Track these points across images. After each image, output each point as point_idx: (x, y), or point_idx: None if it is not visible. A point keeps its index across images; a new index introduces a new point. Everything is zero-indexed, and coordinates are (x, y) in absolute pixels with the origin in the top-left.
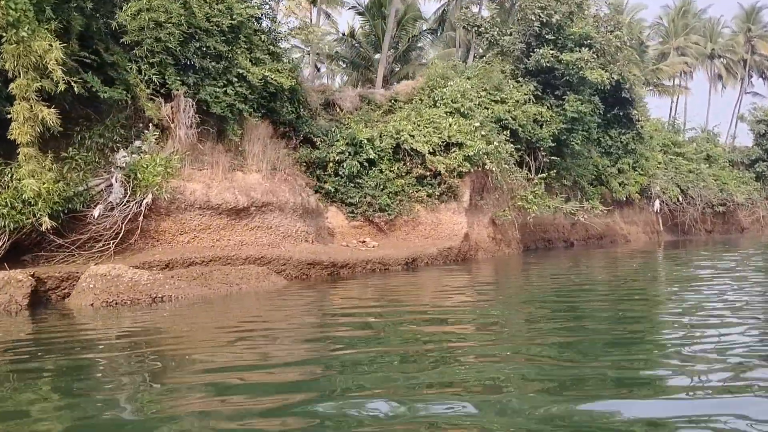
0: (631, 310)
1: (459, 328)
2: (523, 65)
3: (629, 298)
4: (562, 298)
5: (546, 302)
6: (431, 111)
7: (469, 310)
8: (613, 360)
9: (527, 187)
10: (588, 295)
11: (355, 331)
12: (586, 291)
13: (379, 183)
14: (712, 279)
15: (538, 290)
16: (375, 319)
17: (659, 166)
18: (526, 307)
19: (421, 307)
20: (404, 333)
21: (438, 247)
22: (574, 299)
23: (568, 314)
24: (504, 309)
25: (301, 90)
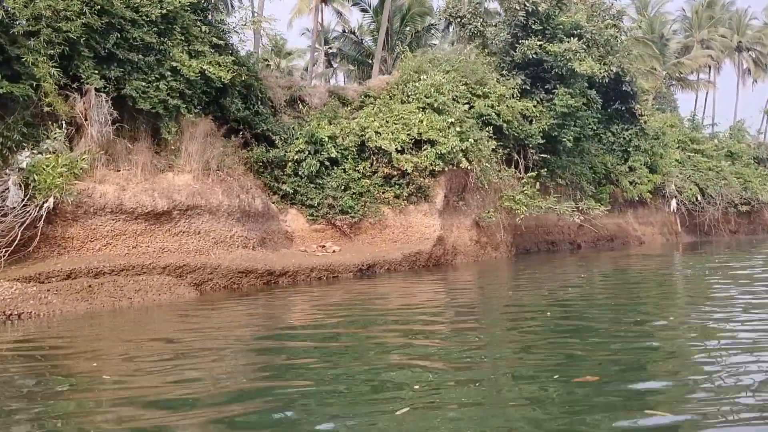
0: (626, 350)
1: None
2: (510, 58)
3: (627, 325)
4: (522, 319)
5: (494, 325)
6: (401, 107)
7: (378, 336)
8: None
9: (516, 187)
10: (569, 319)
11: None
12: (568, 310)
13: (341, 183)
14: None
15: (497, 306)
16: (226, 345)
17: (675, 164)
18: (467, 332)
19: (318, 331)
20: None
21: (403, 252)
22: (539, 325)
23: (517, 348)
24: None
25: (259, 85)
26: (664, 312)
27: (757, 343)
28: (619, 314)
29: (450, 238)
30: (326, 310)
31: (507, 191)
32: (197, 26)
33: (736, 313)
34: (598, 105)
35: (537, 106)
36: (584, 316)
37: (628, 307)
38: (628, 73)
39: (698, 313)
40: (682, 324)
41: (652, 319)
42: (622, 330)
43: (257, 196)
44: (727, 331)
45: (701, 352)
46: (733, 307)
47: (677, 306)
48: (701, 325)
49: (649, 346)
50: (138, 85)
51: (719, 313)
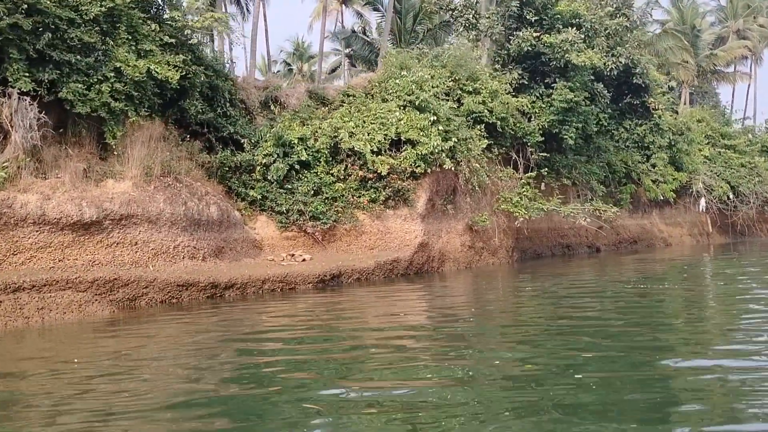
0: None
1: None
2: (505, 51)
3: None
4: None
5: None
6: (379, 105)
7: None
8: None
9: (514, 188)
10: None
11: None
12: (557, 340)
13: (312, 188)
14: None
15: (448, 332)
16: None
17: (704, 161)
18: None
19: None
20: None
21: (377, 260)
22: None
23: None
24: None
25: (228, 86)
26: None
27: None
28: (633, 349)
29: (436, 245)
30: (221, 342)
31: (504, 193)
32: (147, 24)
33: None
34: (606, 99)
35: (536, 102)
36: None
37: (644, 338)
38: (638, 65)
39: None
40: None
41: (676, 355)
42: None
43: (213, 203)
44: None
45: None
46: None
47: (705, 335)
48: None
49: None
50: (75, 87)
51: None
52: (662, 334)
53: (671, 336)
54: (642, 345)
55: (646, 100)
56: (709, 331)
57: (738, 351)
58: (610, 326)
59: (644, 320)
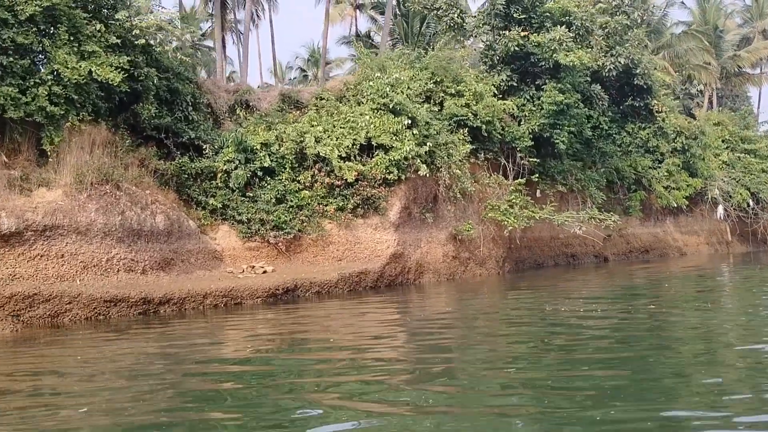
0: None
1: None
2: (493, 52)
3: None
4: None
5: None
6: (349, 109)
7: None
8: None
9: (502, 196)
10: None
11: None
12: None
13: (276, 196)
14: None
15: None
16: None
17: (722, 166)
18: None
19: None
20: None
21: (342, 272)
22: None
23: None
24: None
25: (191, 89)
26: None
27: None
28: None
29: (413, 255)
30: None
31: (492, 200)
32: (91, 24)
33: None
34: (604, 102)
35: (526, 105)
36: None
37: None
38: (639, 65)
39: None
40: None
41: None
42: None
43: (160, 213)
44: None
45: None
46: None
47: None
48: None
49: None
50: (8, 91)
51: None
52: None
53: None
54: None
55: (650, 102)
56: (731, 388)
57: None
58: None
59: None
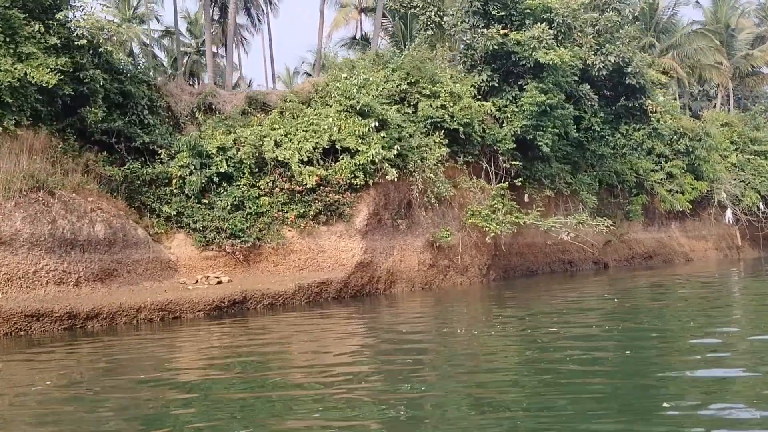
0: None
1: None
2: (473, 51)
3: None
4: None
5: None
6: (313, 111)
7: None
8: None
9: (484, 201)
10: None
11: None
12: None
13: (233, 202)
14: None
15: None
16: None
17: (731, 168)
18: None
19: None
20: None
21: (299, 282)
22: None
23: None
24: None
25: (148, 92)
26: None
27: None
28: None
29: (384, 263)
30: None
31: (473, 206)
32: (30, 26)
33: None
34: (593, 102)
35: (508, 106)
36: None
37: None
38: (630, 63)
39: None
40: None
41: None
42: None
43: (101, 221)
44: None
45: None
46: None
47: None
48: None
49: None
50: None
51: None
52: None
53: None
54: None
55: (643, 102)
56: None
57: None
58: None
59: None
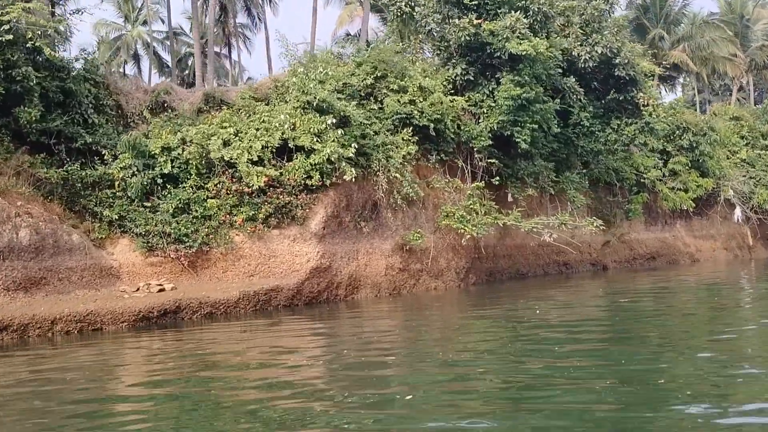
0: None
1: None
2: (446, 43)
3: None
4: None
5: None
6: (266, 108)
7: None
8: None
9: (459, 201)
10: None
11: None
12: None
13: (177, 205)
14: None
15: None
16: None
17: (742, 164)
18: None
19: None
20: None
21: (244, 290)
22: None
23: None
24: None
25: (95, 91)
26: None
27: None
28: None
29: (346, 268)
30: None
31: (447, 206)
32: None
33: None
34: (579, 95)
35: (485, 101)
36: None
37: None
38: (618, 54)
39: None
40: None
41: None
42: None
43: (25, 226)
44: None
45: None
46: None
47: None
48: None
49: None
50: None
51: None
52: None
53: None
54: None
55: (635, 95)
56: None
57: None
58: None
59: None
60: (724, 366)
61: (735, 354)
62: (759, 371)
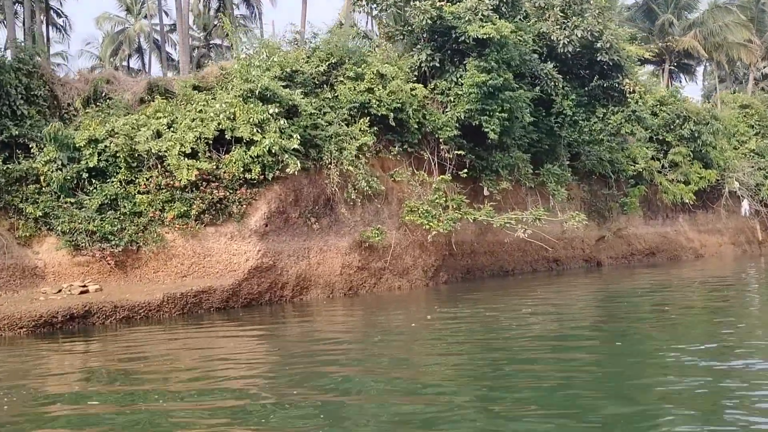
0: None
1: None
2: (409, 27)
3: None
4: None
5: None
6: (203, 96)
7: None
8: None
9: (424, 195)
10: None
11: None
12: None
13: (104, 201)
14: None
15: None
16: None
17: (751, 154)
18: None
19: None
20: None
21: (170, 292)
22: None
23: None
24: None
25: (14, 79)
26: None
27: None
28: None
29: (293, 268)
30: None
31: (410, 201)
32: None
33: None
34: (557, 83)
35: (452, 88)
36: None
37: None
38: (600, 38)
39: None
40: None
41: None
42: None
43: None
44: None
45: None
46: None
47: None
48: None
49: None
50: None
51: None
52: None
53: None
54: None
55: (620, 81)
56: None
57: None
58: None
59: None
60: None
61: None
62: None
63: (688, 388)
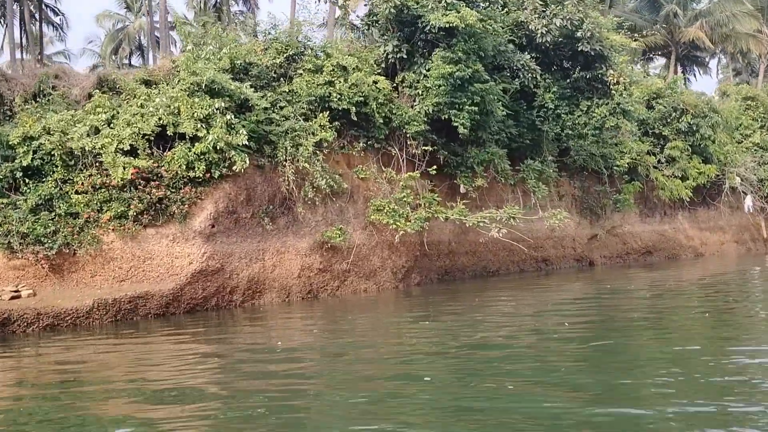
0: None
1: None
2: (375, 17)
3: None
4: None
5: None
6: (145, 90)
7: None
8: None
9: (392, 193)
10: None
11: None
12: None
13: (38, 201)
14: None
15: None
16: None
17: (755, 148)
18: None
19: None
20: None
21: (99, 298)
22: None
23: None
24: None
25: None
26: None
27: None
28: None
29: (244, 271)
30: None
31: (376, 200)
32: None
33: None
34: (534, 74)
35: (420, 81)
36: None
37: None
38: (580, 27)
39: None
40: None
41: None
42: None
43: None
44: None
45: None
46: None
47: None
48: None
49: None
50: None
51: None
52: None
53: None
54: None
55: (604, 72)
56: None
57: None
58: None
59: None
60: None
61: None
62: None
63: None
